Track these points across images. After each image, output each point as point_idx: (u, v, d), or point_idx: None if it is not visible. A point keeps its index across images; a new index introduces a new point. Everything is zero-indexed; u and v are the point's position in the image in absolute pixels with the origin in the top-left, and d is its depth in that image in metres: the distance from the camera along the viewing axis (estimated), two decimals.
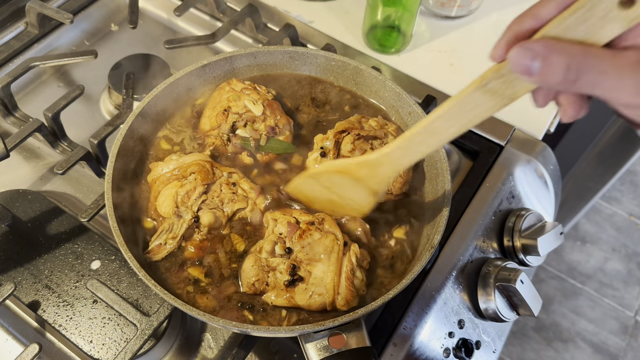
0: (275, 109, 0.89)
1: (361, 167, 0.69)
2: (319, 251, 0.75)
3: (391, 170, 0.67)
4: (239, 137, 0.86)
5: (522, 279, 0.88)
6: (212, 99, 0.91)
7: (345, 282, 0.73)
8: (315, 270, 0.74)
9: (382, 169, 0.67)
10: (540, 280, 2.51)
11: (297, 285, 0.74)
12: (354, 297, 0.74)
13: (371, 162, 0.68)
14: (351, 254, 0.75)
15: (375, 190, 0.71)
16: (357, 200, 0.74)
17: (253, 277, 0.74)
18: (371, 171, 0.68)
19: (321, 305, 0.73)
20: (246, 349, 0.82)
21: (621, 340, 2.38)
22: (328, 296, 0.72)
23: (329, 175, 0.72)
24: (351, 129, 0.85)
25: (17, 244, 0.87)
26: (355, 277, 0.74)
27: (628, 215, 2.74)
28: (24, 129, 0.95)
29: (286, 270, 0.74)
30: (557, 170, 1.13)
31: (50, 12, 1.11)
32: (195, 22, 1.27)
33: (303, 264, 0.74)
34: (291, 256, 0.75)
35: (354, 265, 0.74)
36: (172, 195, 0.79)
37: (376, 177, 0.69)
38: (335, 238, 0.76)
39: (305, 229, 0.76)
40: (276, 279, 0.74)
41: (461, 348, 0.90)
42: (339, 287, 0.73)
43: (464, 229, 0.95)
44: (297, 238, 0.76)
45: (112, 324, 0.80)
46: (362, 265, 0.76)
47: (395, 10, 1.12)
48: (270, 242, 0.76)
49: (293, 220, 0.77)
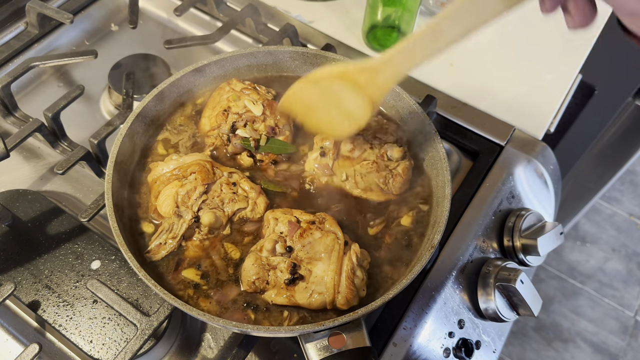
0: (275, 109, 0.89)
1: (362, 72, 0.68)
2: (320, 250, 0.75)
3: (392, 76, 0.67)
4: (239, 137, 0.86)
5: (522, 279, 0.88)
6: (211, 99, 0.91)
7: (345, 281, 0.73)
8: (315, 269, 0.74)
9: (384, 75, 0.67)
10: (540, 280, 2.51)
11: (297, 284, 0.74)
12: (354, 296, 0.74)
13: (373, 67, 0.67)
14: (352, 254, 0.75)
15: (374, 98, 0.70)
16: (354, 110, 0.73)
17: (253, 275, 0.74)
18: (372, 77, 0.68)
19: (321, 304, 0.73)
20: (246, 349, 0.82)
21: (621, 340, 2.38)
22: (328, 295, 0.73)
23: (329, 80, 0.71)
24: None
25: (17, 244, 0.87)
26: (355, 276, 0.74)
27: (628, 215, 2.74)
28: (24, 129, 0.95)
29: (287, 268, 0.74)
30: (557, 170, 1.14)
31: (50, 12, 1.11)
32: (195, 22, 1.27)
33: (304, 263, 0.75)
34: (292, 255, 0.75)
35: (354, 265, 0.74)
36: (172, 195, 0.79)
37: (376, 84, 0.69)
38: (336, 237, 0.76)
39: (306, 228, 0.76)
40: (276, 278, 0.74)
41: (461, 348, 0.90)
42: (339, 286, 0.73)
43: (464, 229, 0.95)
44: (297, 237, 0.76)
45: (112, 324, 0.80)
46: (362, 265, 0.76)
47: (395, 10, 1.12)
48: (271, 241, 0.76)
49: (294, 219, 0.78)
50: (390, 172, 0.84)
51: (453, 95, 1.14)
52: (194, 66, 0.91)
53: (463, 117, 1.10)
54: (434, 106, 1.06)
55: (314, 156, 0.86)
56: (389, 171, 0.84)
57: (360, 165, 0.85)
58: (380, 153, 0.86)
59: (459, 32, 0.58)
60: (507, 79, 1.17)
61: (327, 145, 0.86)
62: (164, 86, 0.88)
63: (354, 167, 0.85)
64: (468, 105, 1.13)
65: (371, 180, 0.84)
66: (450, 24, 0.58)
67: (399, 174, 0.84)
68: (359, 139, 0.85)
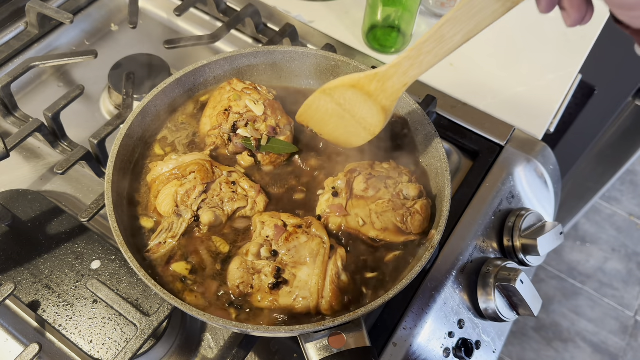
0: (277, 109, 0.89)
1: (371, 80, 0.73)
2: (305, 254, 0.74)
3: (400, 82, 0.71)
4: (240, 137, 0.86)
5: (522, 279, 0.88)
6: (212, 99, 0.91)
7: (330, 286, 0.72)
8: (300, 274, 0.73)
9: (392, 82, 0.71)
10: (540, 280, 2.51)
11: (281, 288, 0.73)
12: (339, 301, 0.73)
13: (381, 75, 0.72)
14: (337, 258, 0.74)
15: (386, 106, 0.74)
16: (368, 118, 0.77)
17: (238, 279, 0.74)
18: (381, 85, 0.73)
19: (305, 308, 0.72)
20: (246, 349, 0.82)
21: (621, 340, 2.38)
22: (312, 300, 0.72)
23: (342, 90, 0.76)
24: (362, 170, 0.83)
25: (17, 244, 0.87)
26: (340, 281, 0.74)
27: (628, 215, 2.74)
28: (24, 129, 0.95)
29: (271, 273, 0.73)
30: (557, 170, 1.14)
31: (50, 12, 1.11)
32: (195, 22, 1.27)
33: (288, 267, 0.74)
34: (277, 259, 0.75)
35: (339, 269, 0.74)
36: (172, 195, 0.79)
37: (386, 92, 0.73)
38: (321, 241, 0.75)
39: (292, 232, 0.76)
40: (261, 282, 0.74)
41: (461, 348, 0.90)
42: (323, 291, 0.72)
43: (464, 229, 0.95)
44: (283, 241, 0.75)
45: (112, 324, 0.80)
46: (345, 269, 0.75)
47: (395, 10, 1.12)
48: (257, 245, 0.76)
49: (280, 223, 0.77)
50: (408, 210, 0.80)
51: (453, 95, 1.14)
52: (194, 66, 0.91)
53: (463, 117, 1.10)
54: (434, 106, 1.06)
55: (325, 198, 0.82)
56: (406, 209, 0.80)
57: (375, 205, 0.80)
58: (396, 192, 0.81)
59: (460, 38, 0.62)
60: (507, 79, 1.17)
61: (339, 185, 0.82)
62: (164, 86, 0.88)
63: (369, 206, 0.80)
64: (468, 105, 1.13)
65: (388, 219, 0.79)
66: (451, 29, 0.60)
67: (417, 212, 0.79)
68: (373, 179, 0.82)
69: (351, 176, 0.83)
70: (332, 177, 0.85)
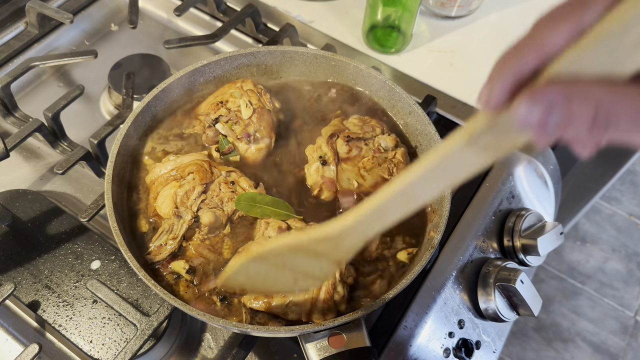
0: (264, 120, 0.88)
1: (320, 242, 0.56)
2: None
3: (357, 241, 0.56)
4: (213, 130, 0.87)
5: (522, 279, 0.88)
6: (220, 89, 0.92)
7: (324, 296, 0.71)
8: None
9: (347, 242, 0.55)
10: (540, 280, 2.51)
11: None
12: (332, 312, 0.71)
13: (333, 237, 0.55)
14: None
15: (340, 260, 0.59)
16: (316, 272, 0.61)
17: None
18: (333, 245, 0.56)
19: (297, 315, 0.72)
20: (246, 349, 0.82)
21: (621, 340, 2.38)
22: (304, 308, 0.71)
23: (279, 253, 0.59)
24: (339, 131, 0.85)
25: (17, 244, 0.87)
26: (336, 292, 0.72)
27: (628, 215, 2.74)
28: (24, 129, 0.95)
29: None
30: (557, 170, 1.13)
31: (50, 12, 1.11)
32: (195, 22, 1.27)
33: None
34: None
35: (336, 280, 0.73)
36: (171, 196, 0.79)
37: (340, 249, 0.57)
38: None
39: None
40: None
41: (461, 348, 0.90)
42: (316, 301, 0.71)
43: (464, 229, 0.95)
44: None
45: (112, 324, 0.80)
46: (345, 281, 0.74)
47: (395, 10, 1.12)
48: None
49: (284, 225, 0.77)
50: (391, 162, 0.84)
51: (453, 95, 1.14)
52: (194, 66, 0.91)
53: (463, 117, 1.10)
54: (434, 106, 1.06)
55: (314, 167, 0.82)
56: (389, 161, 0.84)
57: (362, 163, 0.84)
58: (375, 146, 0.85)
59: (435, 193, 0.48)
60: None
61: (325, 152, 0.83)
62: (164, 86, 0.88)
63: (357, 166, 0.84)
64: (468, 105, 1.13)
65: (377, 174, 0.83)
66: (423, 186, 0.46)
67: (400, 162, 0.84)
68: (352, 140, 0.84)
69: (332, 141, 0.83)
70: (311, 145, 0.86)
